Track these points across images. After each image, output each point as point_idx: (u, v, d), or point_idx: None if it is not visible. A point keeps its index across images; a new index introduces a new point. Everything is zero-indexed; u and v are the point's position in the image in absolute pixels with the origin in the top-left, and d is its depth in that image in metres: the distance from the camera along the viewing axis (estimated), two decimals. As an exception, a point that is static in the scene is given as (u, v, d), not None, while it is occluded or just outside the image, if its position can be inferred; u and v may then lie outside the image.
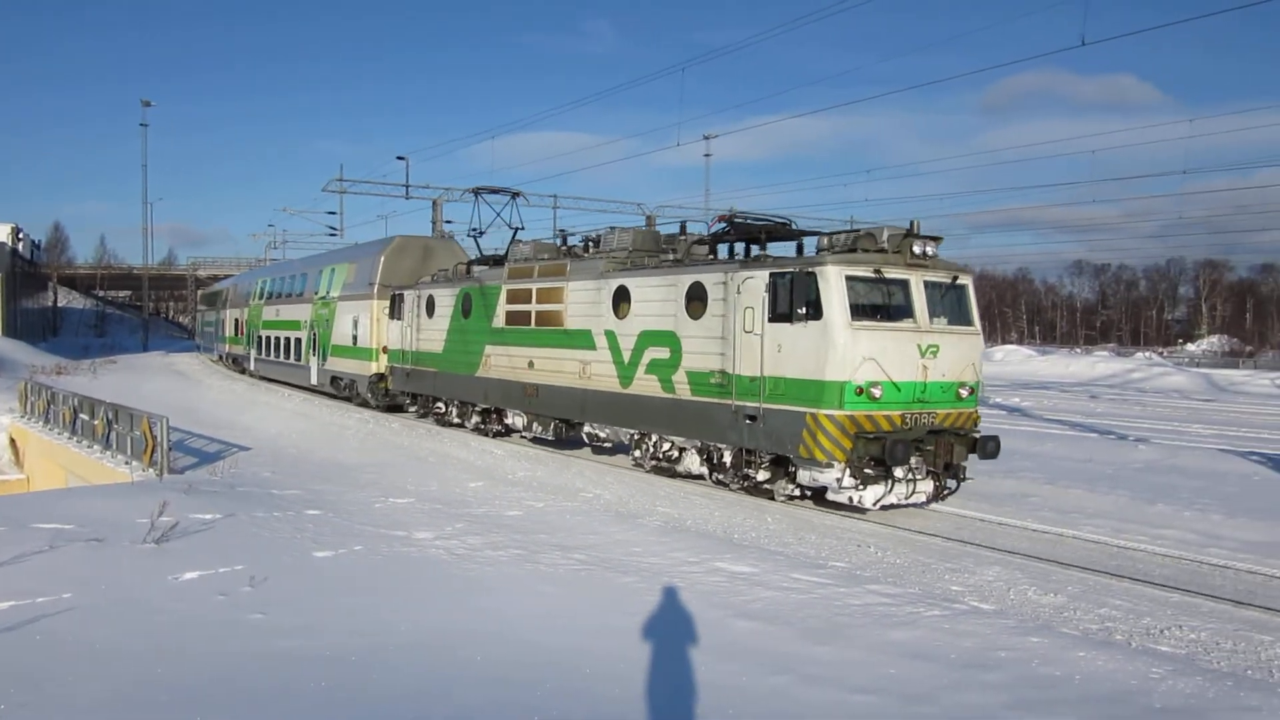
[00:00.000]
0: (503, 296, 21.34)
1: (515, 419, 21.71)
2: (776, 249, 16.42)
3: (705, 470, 16.30)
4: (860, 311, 13.33)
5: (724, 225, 16.90)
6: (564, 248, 21.15)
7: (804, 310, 13.44)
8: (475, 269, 24.54)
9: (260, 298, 43.21)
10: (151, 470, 17.39)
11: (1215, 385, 50.96)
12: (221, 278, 77.17)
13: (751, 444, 14.70)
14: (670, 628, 8.57)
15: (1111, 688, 7.27)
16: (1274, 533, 13.17)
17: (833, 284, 13.26)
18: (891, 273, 13.70)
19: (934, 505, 14.57)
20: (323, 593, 9.33)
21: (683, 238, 18.27)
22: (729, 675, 7.40)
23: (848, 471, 13.34)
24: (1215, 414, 34.42)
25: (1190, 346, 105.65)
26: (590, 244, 20.15)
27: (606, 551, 11.48)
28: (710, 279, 15.38)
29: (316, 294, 34.51)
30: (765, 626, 8.68)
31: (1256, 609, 9.76)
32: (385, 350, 28.37)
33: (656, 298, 16.60)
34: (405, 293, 26.54)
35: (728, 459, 15.45)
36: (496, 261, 23.39)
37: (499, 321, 21.47)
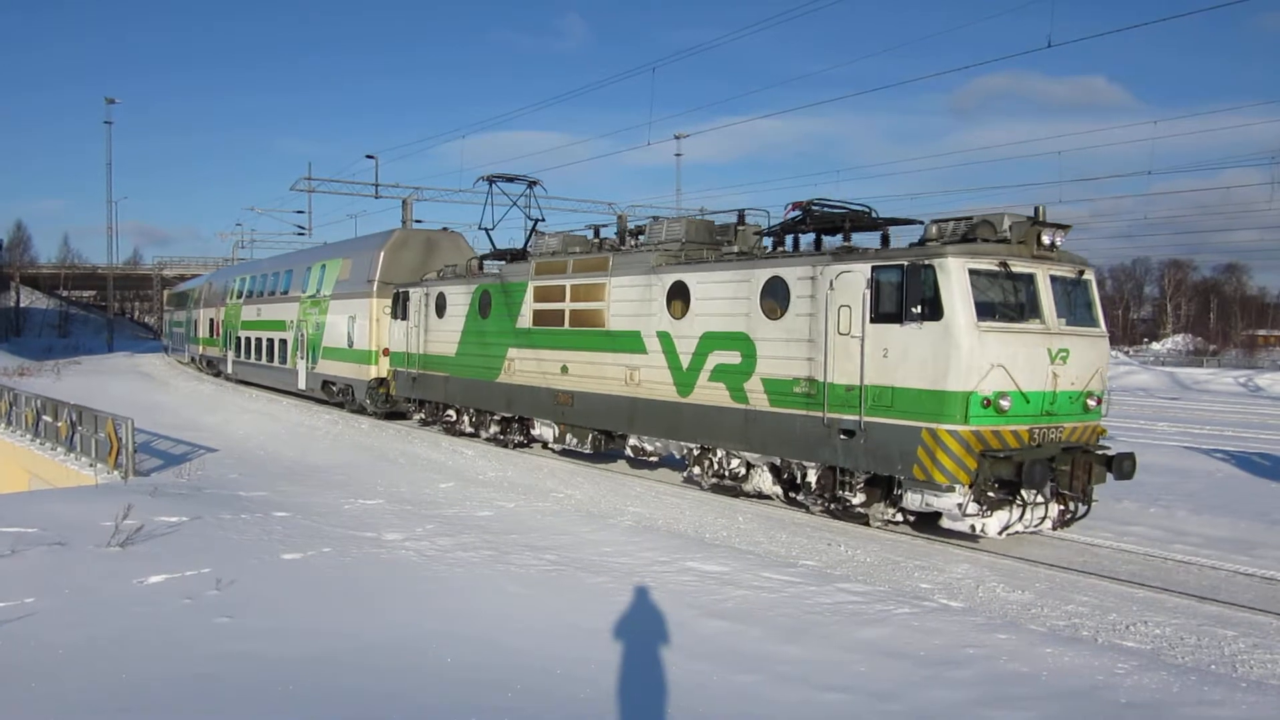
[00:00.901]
0: (529, 294, 19.33)
1: (544, 430, 19.54)
2: (856, 241, 14.49)
3: (778, 490, 14.65)
4: (985, 311, 11.68)
5: (798, 213, 14.92)
6: (597, 240, 19.32)
7: (918, 309, 11.75)
8: (490, 264, 22.90)
9: (238, 296, 41.01)
10: (116, 472, 17.16)
11: (1180, 383, 51.71)
12: (188, 277, 76.31)
13: (848, 463, 12.85)
14: (641, 628, 8.57)
15: (1078, 683, 7.34)
16: (1237, 529, 13.36)
17: (954, 278, 11.58)
18: (1017, 266, 12.01)
19: (1058, 532, 12.79)
20: (291, 595, 9.24)
21: (741, 228, 16.36)
22: (699, 675, 7.41)
23: (970, 496, 11.62)
24: (1180, 412, 34.91)
25: (1156, 345, 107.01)
26: (630, 236, 18.31)
27: (577, 551, 11.46)
28: (793, 273, 13.55)
29: (304, 292, 32.43)
30: (736, 626, 8.69)
31: (1220, 604, 9.89)
32: (386, 353, 26.33)
33: (723, 295, 14.78)
34: (410, 290, 24.41)
35: (812, 478, 13.63)
36: (515, 256, 21.60)
37: (525, 322, 19.46)
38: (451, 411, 23.30)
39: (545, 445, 20.24)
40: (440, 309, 22.94)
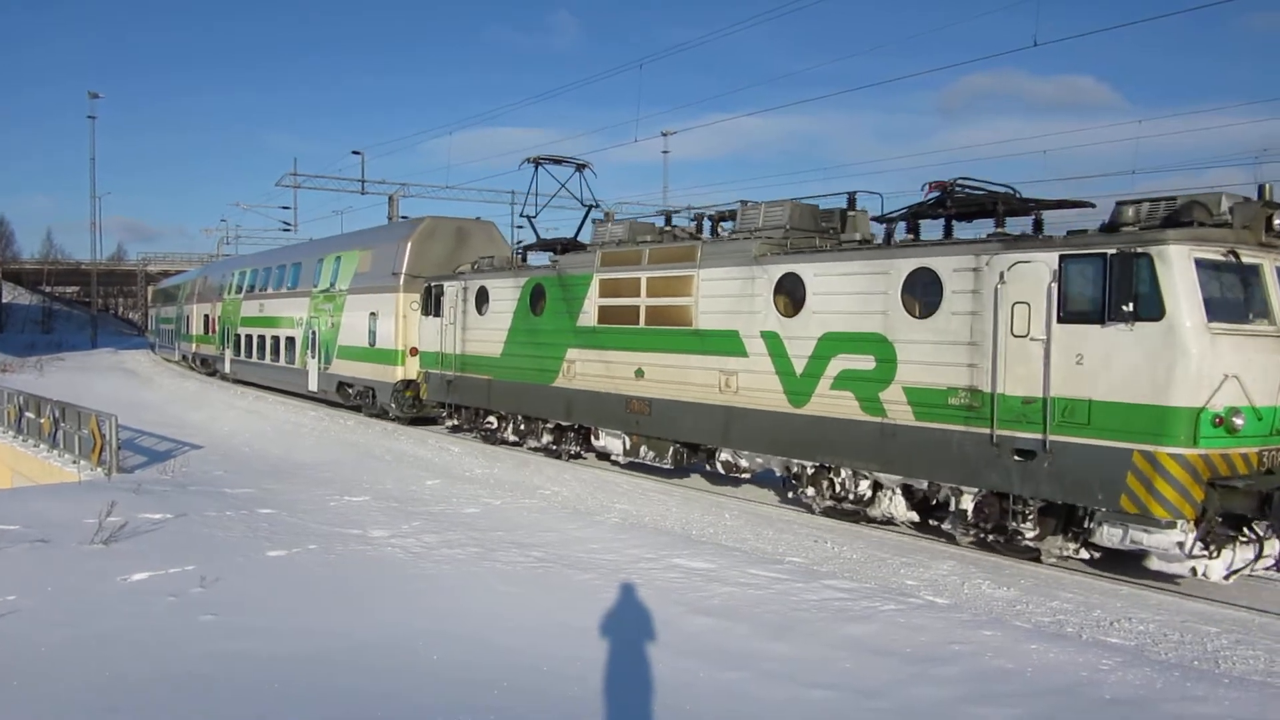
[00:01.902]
0: (594, 288, 17.34)
1: (609, 441, 17.50)
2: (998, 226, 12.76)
3: (912, 516, 12.83)
4: (1213, 310, 9.82)
5: (938, 194, 12.99)
6: (669, 228, 17.33)
7: (1129, 307, 9.90)
8: (533, 256, 21.27)
9: (237, 291, 38.67)
10: (100, 469, 17.06)
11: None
12: (173, 273, 75.73)
13: (1024, 489, 10.92)
14: (628, 625, 8.57)
15: (1063, 679, 7.38)
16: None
17: (1178, 270, 9.75)
18: (1246, 256, 10.17)
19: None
20: (276, 593, 9.21)
21: (852, 213, 14.60)
22: (686, 672, 7.41)
23: (1195, 533, 9.84)
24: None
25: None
26: (711, 221, 16.52)
27: (564, 549, 11.45)
28: (947, 264, 11.78)
29: (316, 286, 30.17)
30: (722, 622, 8.70)
31: (1203, 601, 9.97)
32: (414, 353, 24.21)
33: (850, 289, 12.90)
34: (445, 284, 22.24)
35: (967, 505, 11.69)
36: (567, 246, 19.62)
37: (588, 319, 17.45)
38: (492, 418, 21.10)
39: (608, 458, 18.16)
40: (482, 305, 20.78)
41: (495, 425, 21.01)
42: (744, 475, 15.44)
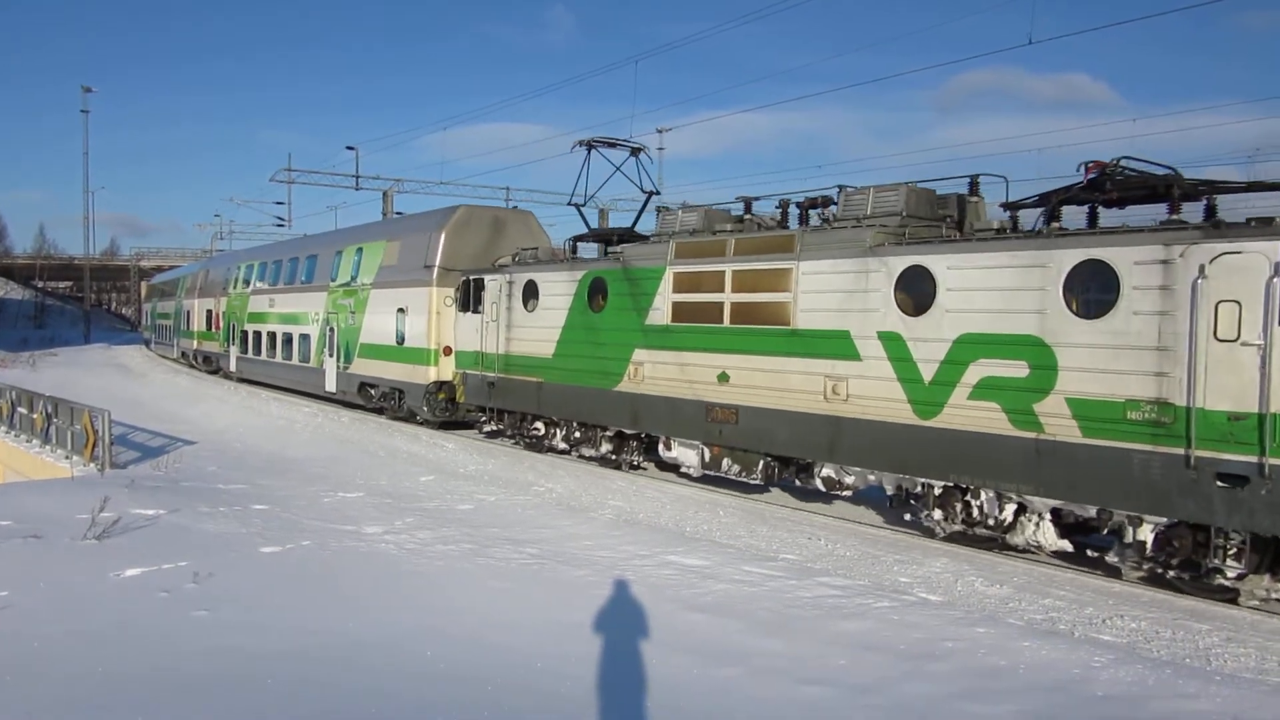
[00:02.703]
0: (667, 283, 15.65)
1: (683, 452, 15.75)
2: (1134, 214, 11.61)
3: (1065, 545, 11.21)
4: None
5: (1095, 175, 11.58)
6: (749, 216, 15.54)
7: None
8: (584, 247, 19.81)
9: (244, 285, 36.55)
10: (93, 465, 17.01)
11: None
12: (167, 268, 75.47)
13: (1231, 520, 9.47)
14: (622, 621, 8.57)
15: (1055, 676, 7.40)
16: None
17: None
18: None
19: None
20: (270, 589, 9.20)
21: (973, 199, 13.36)
22: (680, 668, 7.42)
23: None
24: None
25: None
26: (803, 209, 14.61)
27: (558, 545, 11.46)
28: (1126, 256, 10.28)
29: (334, 280, 28.22)
30: (716, 619, 8.72)
31: (1195, 598, 9.99)
32: (448, 352, 22.49)
33: (994, 285, 11.45)
34: (485, 278, 20.57)
35: (1146, 536, 10.26)
36: (625, 236, 18.27)
37: (659, 317, 15.79)
38: (539, 424, 19.45)
39: (676, 469, 16.46)
40: (529, 300, 19.12)
41: (542, 431, 19.39)
42: (844, 493, 13.54)
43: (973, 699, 6.94)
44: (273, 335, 32.76)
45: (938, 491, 12.08)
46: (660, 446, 16.34)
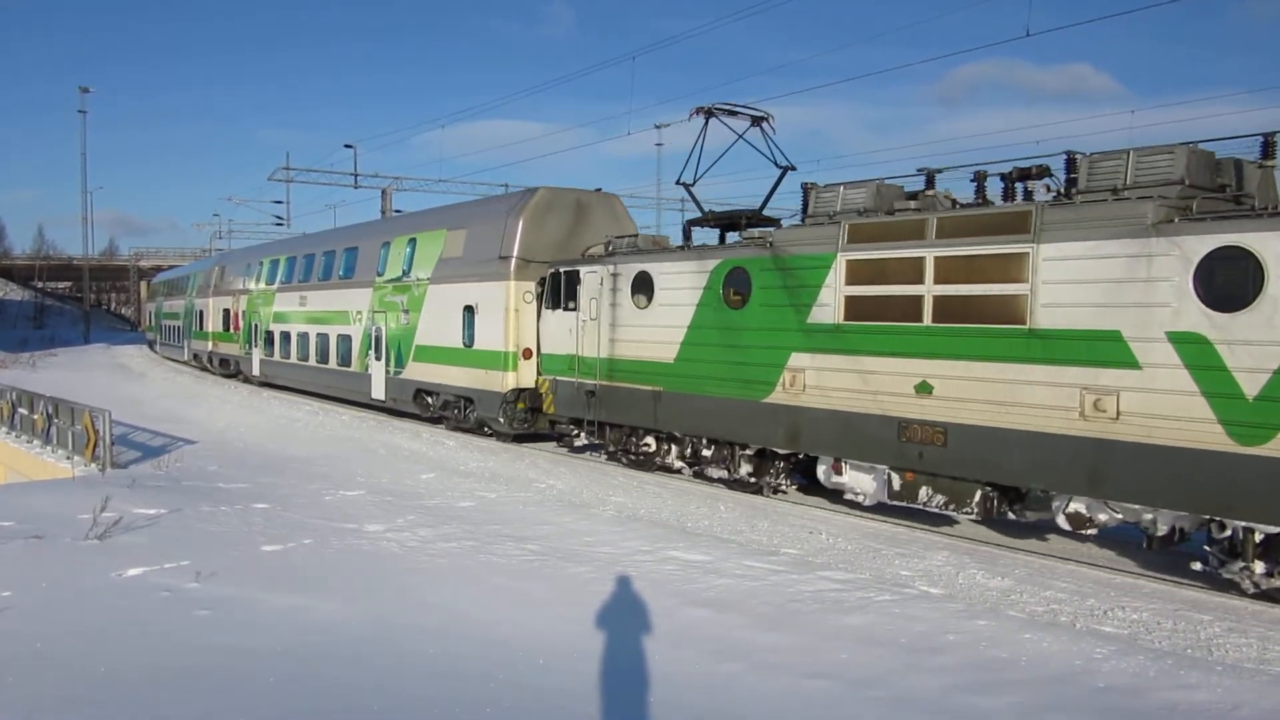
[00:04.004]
0: (837, 273, 13.14)
1: (858, 477, 13.24)
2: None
3: None
4: None
5: None
6: (930, 191, 13.05)
7: None
8: (696, 234, 17.52)
9: (267, 281, 34.07)
10: (94, 465, 17.01)
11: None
12: (166, 267, 75.38)
13: None
14: (624, 617, 8.59)
15: (1057, 668, 7.42)
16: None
17: None
18: None
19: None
20: (271, 587, 9.20)
21: (1268, 164, 11.04)
22: (682, 663, 7.43)
23: None
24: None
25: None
26: (1009, 182, 12.28)
27: (560, 542, 11.46)
28: None
29: (381, 275, 25.61)
30: (718, 614, 8.73)
31: (1196, 589, 10.01)
32: (528, 355, 20.01)
33: None
34: (581, 270, 18.06)
35: None
36: (755, 220, 16.12)
37: (826, 314, 13.27)
38: (650, 439, 17.03)
39: (840, 496, 13.91)
40: (642, 295, 16.64)
41: (653, 448, 17.00)
42: (1089, 531, 11.18)
43: (974, 691, 6.95)
44: (304, 336, 30.31)
45: (1259, 538, 9.60)
46: (821, 470, 13.78)
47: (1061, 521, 11.20)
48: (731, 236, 16.31)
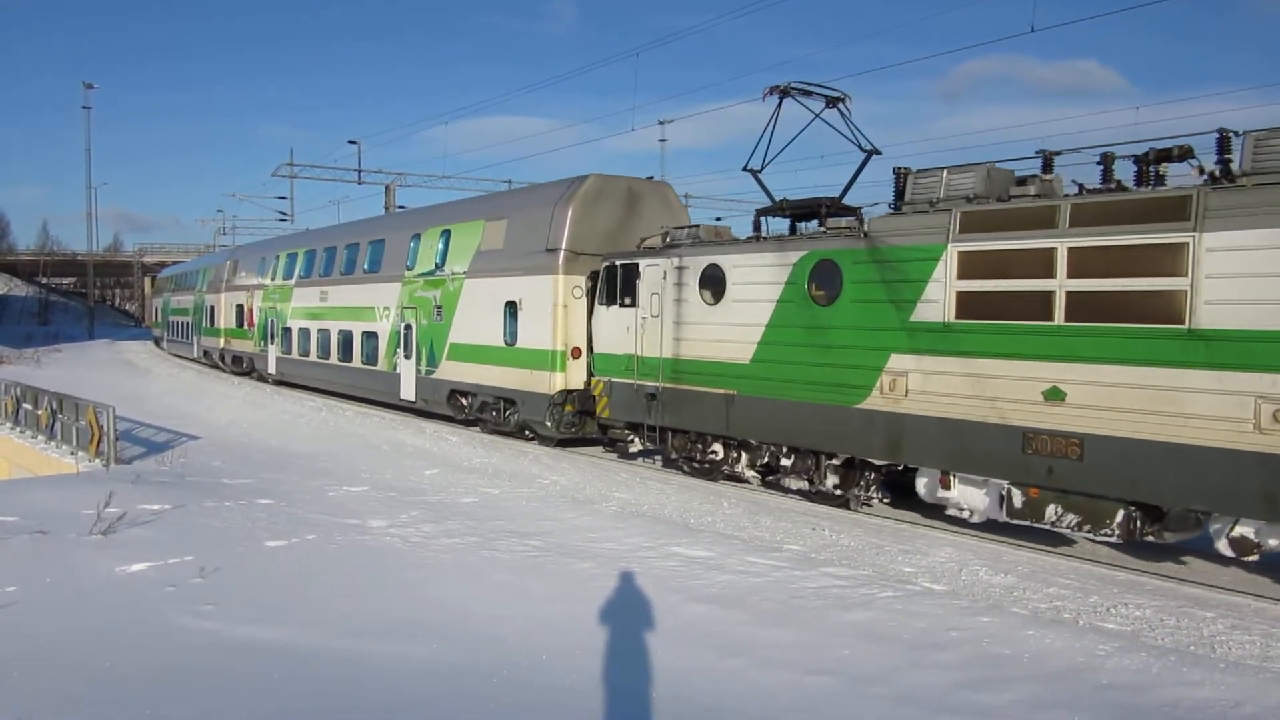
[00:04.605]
0: (946, 266, 11.90)
1: (968, 492, 11.98)
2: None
3: None
4: None
5: None
6: (1042, 178, 11.89)
7: None
8: (767, 223, 15.83)
9: (284, 276, 32.80)
10: (98, 461, 17.05)
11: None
12: (170, 263, 75.40)
13: None
14: (627, 613, 8.59)
15: (1060, 665, 7.42)
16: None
17: None
18: None
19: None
20: (275, 583, 9.22)
21: None
22: (685, 659, 7.44)
23: None
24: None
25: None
26: (1143, 165, 11.11)
27: (563, 537, 11.47)
28: None
29: (412, 269, 24.24)
30: (721, 610, 8.73)
31: (1199, 586, 10.00)
32: (576, 354, 18.77)
33: None
34: (640, 264, 16.72)
35: None
36: (836, 208, 14.76)
37: (934, 312, 12.02)
38: (718, 446, 15.73)
39: (941, 511, 12.74)
40: (712, 290, 15.33)
41: (720, 455, 15.72)
42: (1250, 558, 9.96)
43: (977, 688, 6.95)
44: (325, 333, 29.06)
45: None
46: (922, 483, 12.54)
47: (1223, 547, 9.97)
48: (802, 227, 15.19)
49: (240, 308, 37.30)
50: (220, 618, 8.02)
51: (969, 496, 11.98)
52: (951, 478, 12.12)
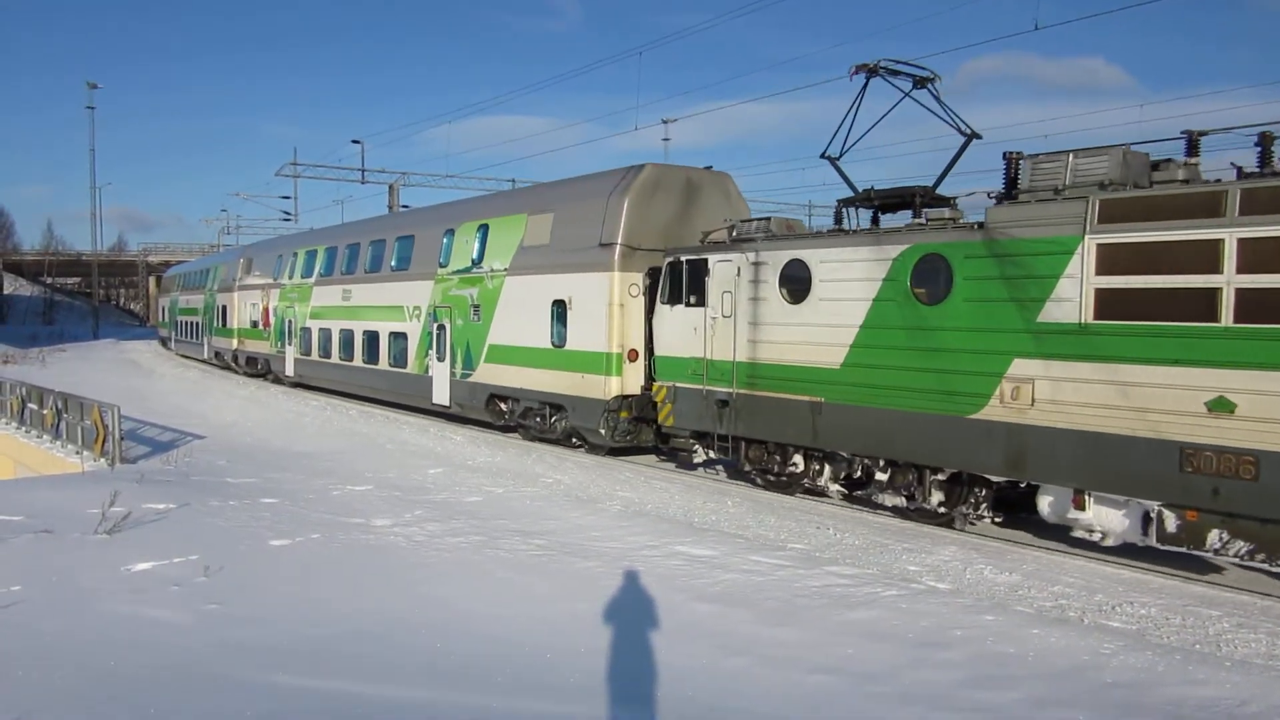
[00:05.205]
0: (1082, 260, 10.58)
1: (1107, 514, 10.69)
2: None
3: None
4: None
5: None
6: (1184, 162, 10.94)
7: None
8: (839, 215, 14.73)
9: (305, 274, 31.58)
10: (103, 460, 17.08)
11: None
12: (174, 263, 75.43)
13: None
14: (631, 612, 8.59)
15: (1065, 663, 7.40)
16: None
17: None
18: None
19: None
20: (279, 582, 9.23)
21: None
22: (689, 658, 7.44)
23: None
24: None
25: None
26: None
27: (567, 536, 11.47)
28: None
29: (445, 266, 22.92)
30: (725, 609, 8.72)
31: (1204, 584, 9.98)
32: (633, 357, 17.49)
33: None
34: (709, 259, 15.40)
35: None
36: (932, 197, 13.65)
37: (1066, 312, 10.73)
38: (798, 458, 14.40)
39: (1066, 533, 11.28)
40: (793, 288, 14.03)
41: (801, 467, 14.38)
42: None
43: (981, 687, 6.94)
44: (348, 334, 27.92)
45: None
46: (1046, 501, 11.17)
47: None
48: (888, 219, 14.19)
49: (255, 307, 36.29)
50: (224, 617, 8.03)
51: (1106, 518, 10.71)
52: (1087, 497, 10.76)
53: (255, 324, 36.07)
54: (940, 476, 12.48)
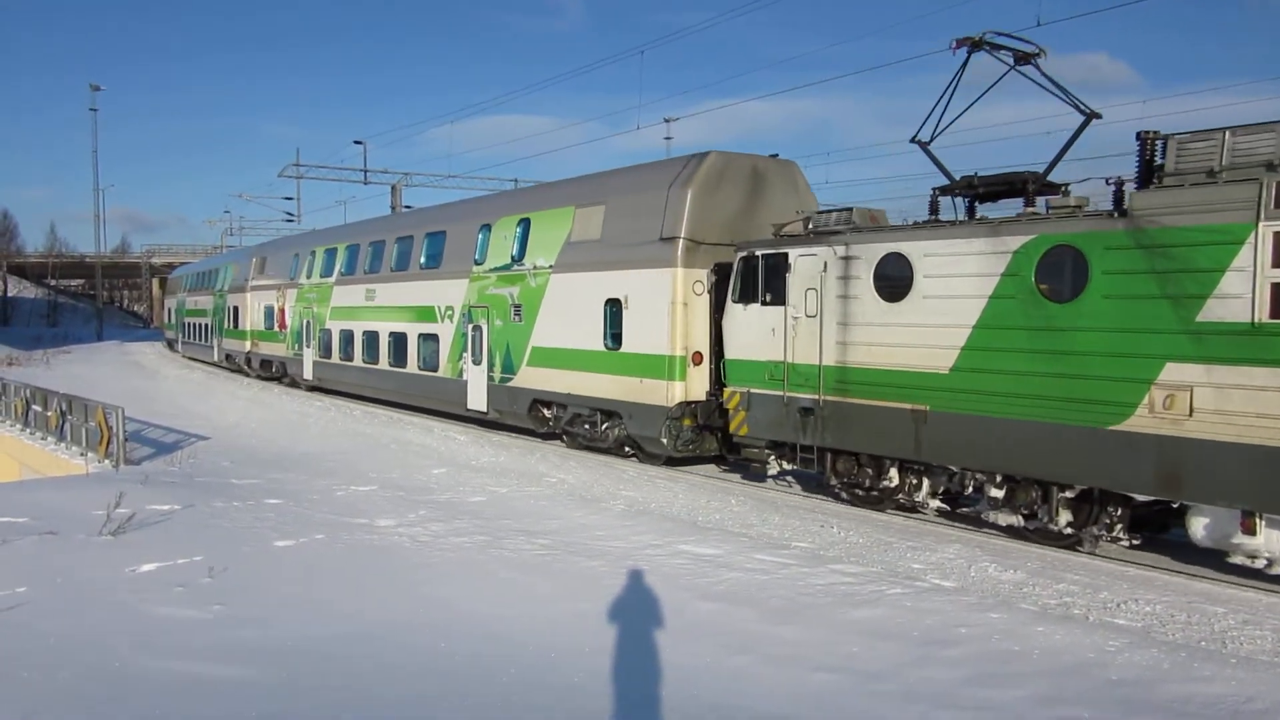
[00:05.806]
0: (1254, 253, 9.36)
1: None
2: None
3: None
4: None
5: None
6: None
7: None
8: (935, 206, 13.47)
9: (324, 274, 30.17)
10: (107, 461, 17.11)
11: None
12: (178, 264, 75.47)
13: None
14: (635, 611, 8.59)
15: (1070, 660, 7.39)
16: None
17: None
18: None
19: None
20: (283, 583, 9.24)
21: None
22: (693, 656, 7.44)
23: None
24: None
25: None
26: None
27: (570, 536, 11.47)
28: None
29: (480, 263, 21.60)
30: (729, 608, 8.72)
31: (1209, 581, 9.95)
32: (697, 360, 16.25)
33: None
34: (790, 254, 14.06)
35: None
36: (1043, 184, 12.52)
37: (1232, 310, 9.45)
38: (894, 472, 13.08)
39: (1223, 557, 9.95)
40: (891, 284, 12.76)
41: (896, 481, 13.11)
42: None
43: (986, 684, 6.93)
44: (372, 336, 26.60)
45: None
46: (1202, 524, 9.92)
47: None
48: (985, 208, 13.17)
49: (269, 308, 34.85)
50: (228, 617, 8.04)
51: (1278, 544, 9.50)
52: (1259, 520, 9.48)
53: (270, 326, 34.76)
54: (1068, 494, 11.22)
